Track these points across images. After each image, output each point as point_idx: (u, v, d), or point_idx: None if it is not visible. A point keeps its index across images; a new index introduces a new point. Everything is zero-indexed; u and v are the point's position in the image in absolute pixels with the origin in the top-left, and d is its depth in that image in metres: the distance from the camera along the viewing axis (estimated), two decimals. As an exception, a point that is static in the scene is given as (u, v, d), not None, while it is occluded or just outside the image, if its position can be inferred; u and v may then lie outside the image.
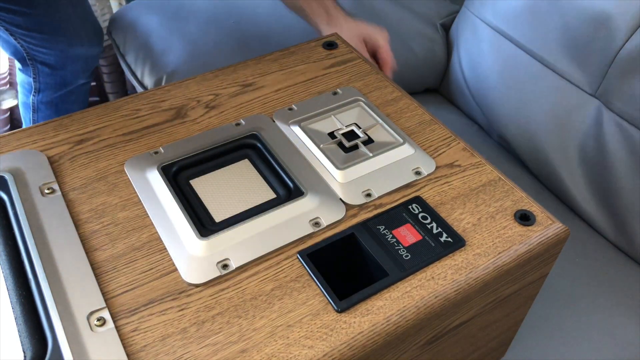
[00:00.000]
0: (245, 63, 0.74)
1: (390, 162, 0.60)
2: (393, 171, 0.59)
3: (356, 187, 0.57)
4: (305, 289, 0.49)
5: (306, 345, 0.45)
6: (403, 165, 0.60)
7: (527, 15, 0.89)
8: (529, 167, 0.95)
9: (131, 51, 1.02)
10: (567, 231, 0.56)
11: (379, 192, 0.57)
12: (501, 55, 0.95)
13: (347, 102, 0.67)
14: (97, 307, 0.46)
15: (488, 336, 0.63)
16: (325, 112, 0.66)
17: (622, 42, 0.78)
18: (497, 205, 0.57)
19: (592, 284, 0.80)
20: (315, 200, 0.55)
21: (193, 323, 0.46)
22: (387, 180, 0.58)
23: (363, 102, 0.67)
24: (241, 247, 0.51)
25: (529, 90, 0.91)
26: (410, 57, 1.06)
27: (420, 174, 0.59)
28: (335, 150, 0.61)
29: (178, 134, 0.63)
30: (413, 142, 0.63)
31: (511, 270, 0.53)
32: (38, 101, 1.07)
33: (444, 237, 0.53)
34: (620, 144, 0.80)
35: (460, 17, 1.06)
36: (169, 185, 0.55)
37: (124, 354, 0.44)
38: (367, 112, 0.66)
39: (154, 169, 0.57)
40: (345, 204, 0.56)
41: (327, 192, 0.56)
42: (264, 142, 0.61)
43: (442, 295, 0.49)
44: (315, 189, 0.56)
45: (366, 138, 0.62)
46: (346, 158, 0.60)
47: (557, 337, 0.74)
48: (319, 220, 0.54)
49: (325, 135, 0.63)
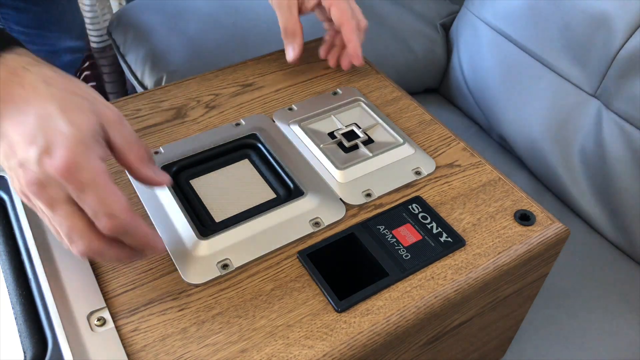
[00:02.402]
0: (245, 63, 0.74)
1: (390, 162, 0.60)
2: (393, 171, 0.59)
3: (356, 187, 0.57)
4: (305, 289, 0.49)
5: (306, 345, 0.45)
6: (403, 165, 0.60)
7: (527, 15, 0.89)
8: (529, 167, 0.95)
9: (131, 51, 1.02)
10: (567, 231, 0.56)
11: (379, 192, 0.57)
12: (501, 55, 0.95)
13: (347, 102, 0.67)
14: (97, 307, 0.46)
15: (488, 336, 0.63)
16: (325, 112, 0.66)
17: (622, 42, 0.78)
18: (497, 205, 0.57)
19: (592, 284, 0.80)
20: (315, 200, 0.55)
21: (193, 323, 0.46)
22: (387, 180, 0.58)
23: (363, 102, 0.67)
24: (241, 247, 0.51)
25: (529, 90, 0.91)
26: (410, 57, 1.06)
27: (420, 174, 0.59)
28: (335, 150, 0.61)
29: (178, 134, 0.63)
30: (413, 142, 0.62)
31: (511, 270, 0.53)
32: None
33: (443, 237, 0.53)
34: (620, 144, 0.80)
35: (460, 17, 1.06)
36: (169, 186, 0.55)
37: (124, 354, 0.44)
38: (367, 112, 0.66)
39: None
40: (345, 203, 0.56)
41: (327, 192, 0.56)
42: (263, 142, 0.61)
43: (442, 295, 0.49)
44: (315, 189, 0.56)
45: (366, 138, 0.62)
46: (346, 158, 0.60)
47: (557, 337, 0.74)
48: (319, 220, 0.54)
49: (325, 135, 0.63)
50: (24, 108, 0.41)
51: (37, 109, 0.40)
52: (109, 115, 0.43)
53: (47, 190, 0.40)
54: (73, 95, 0.42)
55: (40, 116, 0.40)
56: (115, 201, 0.41)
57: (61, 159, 0.39)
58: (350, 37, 0.66)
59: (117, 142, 0.43)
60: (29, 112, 0.41)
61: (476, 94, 1.02)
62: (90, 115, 0.41)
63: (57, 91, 0.41)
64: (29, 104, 0.41)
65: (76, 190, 0.40)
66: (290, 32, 0.67)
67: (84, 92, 0.43)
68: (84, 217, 0.41)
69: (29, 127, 0.40)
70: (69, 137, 0.39)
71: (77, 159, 0.39)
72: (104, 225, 0.41)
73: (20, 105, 0.41)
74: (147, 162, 0.45)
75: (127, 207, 0.42)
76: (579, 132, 0.85)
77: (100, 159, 0.41)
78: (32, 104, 0.41)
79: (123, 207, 0.41)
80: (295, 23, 0.66)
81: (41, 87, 0.41)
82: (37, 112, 0.40)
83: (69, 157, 0.39)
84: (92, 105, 0.42)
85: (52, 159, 0.39)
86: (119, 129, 0.43)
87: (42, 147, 0.39)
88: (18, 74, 0.41)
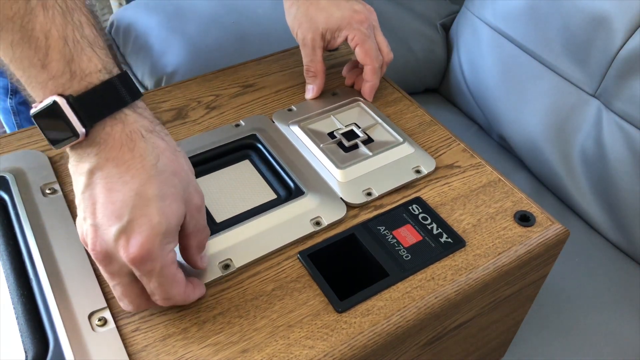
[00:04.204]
0: (245, 64, 0.74)
1: (390, 161, 0.60)
2: (393, 170, 0.59)
3: (356, 186, 0.57)
4: (305, 289, 0.49)
5: (307, 346, 0.45)
6: (403, 164, 0.60)
7: (527, 15, 0.90)
8: (529, 167, 0.95)
9: (131, 51, 1.02)
10: (567, 232, 0.56)
11: (379, 191, 0.57)
12: (501, 55, 0.95)
13: (346, 103, 0.67)
14: (99, 307, 0.46)
15: (488, 336, 0.63)
16: (324, 112, 0.66)
17: (622, 42, 0.78)
18: (497, 206, 0.57)
19: (592, 284, 0.80)
20: (316, 200, 0.55)
21: (194, 323, 0.46)
22: (387, 179, 0.58)
23: (362, 102, 0.68)
24: (242, 248, 0.51)
25: (529, 90, 0.91)
26: (410, 57, 1.06)
27: (420, 173, 0.59)
28: (335, 149, 0.61)
29: (179, 134, 0.63)
30: (413, 141, 0.63)
31: (511, 271, 0.53)
32: (17, 103, 1.05)
33: (444, 237, 0.53)
34: (620, 144, 0.80)
35: (460, 17, 1.06)
36: None
37: (125, 354, 0.44)
38: (367, 112, 0.66)
39: None
40: (346, 203, 0.56)
41: (328, 192, 0.57)
42: (263, 142, 0.61)
43: (442, 295, 0.49)
44: (315, 189, 0.56)
45: (366, 137, 0.63)
46: (346, 157, 0.60)
47: (557, 337, 0.74)
48: (320, 219, 0.54)
49: (324, 135, 0.63)
50: (126, 177, 0.39)
51: (137, 185, 0.39)
52: (194, 203, 0.43)
53: (112, 263, 0.41)
54: (174, 177, 0.41)
55: (137, 194, 0.39)
56: (176, 292, 0.43)
57: (137, 248, 0.39)
58: (370, 77, 0.67)
59: (189, 229, 0.43)
60: (129, 183, 0.39)
61: (476, 94, 1.02)
62: (181, 205, 0.41)
63: (162, 169, 0.40)
64: (132, 175, 0.39)
65: (142, 276, 0.41)
66: (312, 73, 0.68)
67: (183, 172, 0.42)
68: (138, 286, 0.43)
69: (121, 200, 0.39)
70: (155, 228, 0.39)
71: (152, 249, 0.39)
72: (159, 303, 0.44)
73: (124, 172, 0.39)
74: (202, 248, 0.46)
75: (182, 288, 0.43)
76: (579, 132, 0.85)
77: (172, 248, 0.41)
78: (134, 177, 0.39)
79: (179, 290, 0.43)
80: (318, 64, 0.67)
81: (149, 161, 0.40)
82: (136, 189, 0.39)
83: (145, 247, 0.39)
84: (184, 191, 0.41)
85: (129, 244, 0.39)
86: (197, 217, 0.43)
87: (124, 226, 0.39)
88: (133, 138, 0.40)
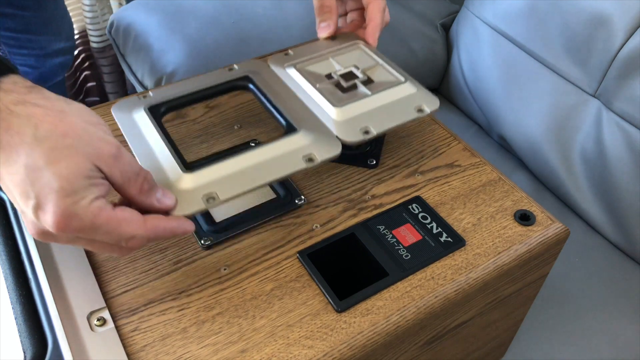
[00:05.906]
0: (245, 63, 0.74)
1: (391, 100, 0.57)
2: (394, 109, 0.56)
3: (354, 124, 0.54)
4: (305, 288, 0.49)
5: (306, 345, 0.45)
6: (405, 102, 0.57)
7: (527, 15, 0.90)
8: (529, 167, 0.95)
9: (131, 51, 1.02)
10: (567, 231, 0.56)
11: (378, 130, 0.54)
12: (501, 55, 0.95)
13: (346, 46, 0.64)
14: (97, 307, 0.46)
15: (488, 336, 0.63)
16: (322, 55, 0.63)
17: (622, 42, 0.78)
18: (497, 205, 0.57)
19: (592, 284, 0.80)
20: (309, 137, 0.52)
21: (193, 323, 0.46)
22: (387, 117, 0.55)
23: (363, 44, 0.64)
24: (228, 181, 0.49)
25: (529, 90, 0.91)
26: (410, 57, 1.06)
27: (423, 112, 0.56)
28: (332, 90, 0.58)
29: (179, 134, 0.63)
30: (415, 81, 0.60)
31: (511, 270, 0.53)
32: None
33: (444, 237, 0.53)
34: (620, 144, 0.80)
35: (460, 17, 1.06)
36: (155, 124, 0.53)
37: (124, 354, 0.44)
38: (367, 54, 0.63)
39: (141, 109, 0.55)
40: (342, 141, 0.53)
41: (322, 130, 0.54)
42: (256, 83, 0.59)
43: (442, 295, 0.49)
44: (309, 126, 0.54)
45: (365, 78, 0.59)
46: (344, 97, 0.57)
47: (557, 337, 0.74)
48: (313, 155, 0.51)
49: (322, 76, 0.60)
50: (14, 157, 0.38)
51: (25, 160, 0.38)
52: (104, 152, 0.41)
53: (55, 237, 0.40)
54: (63, 138, 0.39)
55: (28, 168, 0.38)
56: (124, 228, 0.41)
57: (53, 216, 0.38)
58: (375, 15, 0.64)
59: (115, 179, 0.42)
60: (18, 162, 0.38)
61: (476, 94, 1.02)
62: (81, 159, 0.39)
63: (44, 136, 0.39)
64: (17, 153, 0.38)
65: (82, 236, 0.40)
66: (326, 8, 0.65)
67: (77, 130, 0.40)
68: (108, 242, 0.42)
69: (21, 180, 0.39)
70: (57, 192, 0.38)
71: (69, 210, 0.38)
72: (128, 249, 0.42)
73: (9, 153, 0.38)
74: (148, 192, 0.44)
75: (139, 223, 0.42)
76: (579, 132, 0.85)
77: (98, 199, 0.40)
78: (20, 153, 0.38)
79: (135, 227, 0.41)
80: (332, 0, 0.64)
81: (27, 134, 0.38)
82: (25, 163, 0.38)
83: (60, 212, 0.38)
84: (85, 146, 0.40)
85: (46, 217, 0.38)
86: (115, 165, 0.42)
87: (34, 203, 0.38)
88: (3, 117, 0.38)
